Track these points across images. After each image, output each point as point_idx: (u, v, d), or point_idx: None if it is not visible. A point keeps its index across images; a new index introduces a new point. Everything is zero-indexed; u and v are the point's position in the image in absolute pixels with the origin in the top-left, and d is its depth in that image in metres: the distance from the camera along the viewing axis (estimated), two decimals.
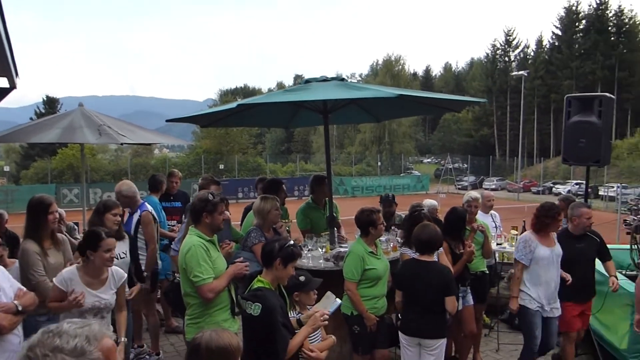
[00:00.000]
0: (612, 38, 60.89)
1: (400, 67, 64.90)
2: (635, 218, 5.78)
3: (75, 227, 6.96)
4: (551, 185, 44.18)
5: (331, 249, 5.26)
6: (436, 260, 4.31)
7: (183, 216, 6.17)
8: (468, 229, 5.52)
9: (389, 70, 62.78)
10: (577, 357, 5.85)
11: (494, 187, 45.38)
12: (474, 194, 5.88)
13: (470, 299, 5.30)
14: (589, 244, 5.21)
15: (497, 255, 6.80)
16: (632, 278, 5.97)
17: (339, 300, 3.60)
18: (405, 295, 4.30)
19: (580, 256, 5.11)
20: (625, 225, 6.02)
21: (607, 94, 5.37)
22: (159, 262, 5.66)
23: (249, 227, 4.98)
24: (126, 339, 3.98)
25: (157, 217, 5.69)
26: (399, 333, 4.35)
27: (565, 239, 5.08)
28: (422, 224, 4.42)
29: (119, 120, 7.43)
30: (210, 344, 2.23)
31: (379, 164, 51.04)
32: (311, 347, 3.50)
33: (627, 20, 61.46)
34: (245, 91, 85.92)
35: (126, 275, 3.84)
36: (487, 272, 5.83)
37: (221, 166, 40.64)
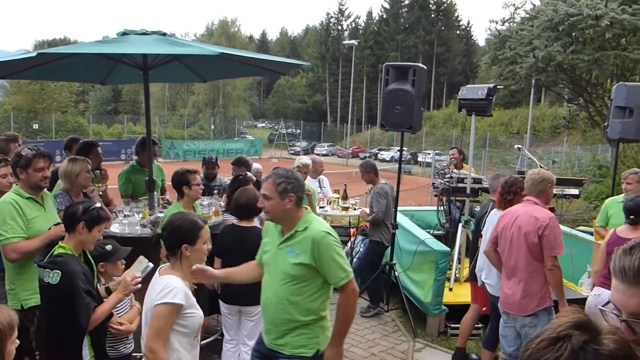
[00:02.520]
0: (433, 15, 65.99)
1: (236, 28, 63.83)
2: (442, 182, 6.31)
3: None
4: (377, 151, 47.01)
5: (150, 215, 4.97)
6: (256, 225, 4.25)
7: None
8: None
9: (224, 31, 61.37)
10: (387, 311, 6.31)
11: (325, 152, 47.09)
12: (305, 160, 5.94)
13: None
14: None
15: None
16: (439, 237, 6.55)
17: (151, 264, 3.39)
18: (224, 262, 4.20)
19: None
20: (433, 188, 6.55)
21: (419, 64, 5.70)
22: None
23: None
24: None
25: None
26: (220, 301, 4.26)
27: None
28: (241, 188, 4.32)
29: None
30: None
31: (213, 127, 50.17)
32: (120, 321, 3.28)
33: None
34: (66, 43, 78.15)
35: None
36: None
37: (35, 126, 36.79)
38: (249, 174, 5.16)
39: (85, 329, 2.91)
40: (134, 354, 3.55)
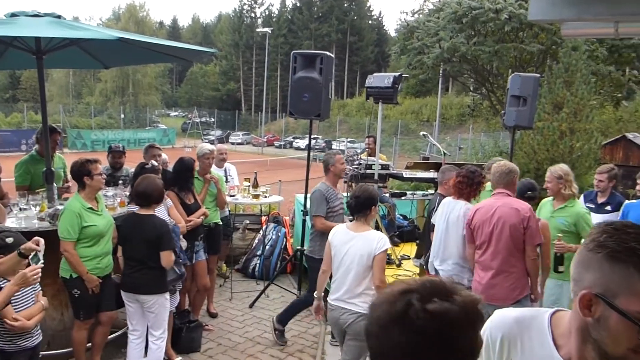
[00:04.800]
0: (345, 5, 66.92)
1: (145, 13, 61.47)
2: (351, 168, 6.43)
3: None
4: (292, 139, 47.13)
5: (49, 207, 4.73)
6: (154, 213, 4.14)
7: None
8: (201, 179, 5.52)
9: (132, 16, 58.92)
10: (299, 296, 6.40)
11: (239, 141, 46.70)
12: (208, 146, 5.84)
13: (202, 254, 5.32)
14: None
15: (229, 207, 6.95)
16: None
17: (39, 255, 3.20)
18: (124, 251, 4.14)
19: None
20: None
21: (327, 53, 5.75)
22: None
23: None
24: None
25: None
26: (121, 291, 4.17)
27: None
28: (142, 176, 4.22)
29: None
30: None
31: (122, 116, 48.30)
32: (15, 316, 3.12)
33: None
34: None
35: None
36: (221, 223, 5.93)
37: None
38: (154, 162, 5.04)
39: None
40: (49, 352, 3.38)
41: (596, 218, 5.32)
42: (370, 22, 70.09)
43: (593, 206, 5.48)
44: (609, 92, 20.23)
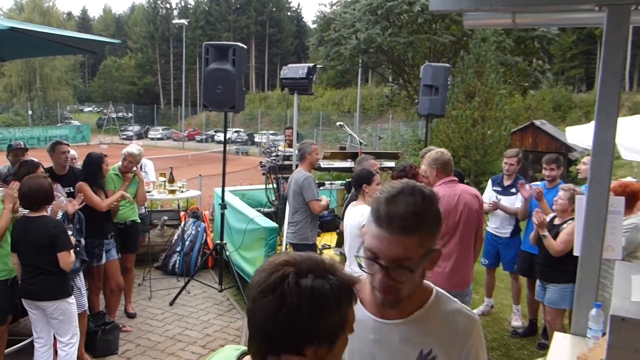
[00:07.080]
0: None
1: (51, 3, 58.21)
2: (269, 160, 6.42)
3: None
4: (213, 133, 46.37)
5: None
6: (45, 214, 3.88)
7: None
8: (121, 177, 5.34)
9: (37, 6, 55.62)
10: (221, 291, 6.34)
11: (159, 136, 45.45)
12: (130, 149, 5.58)
13: (114, 253, 5.14)
14: None
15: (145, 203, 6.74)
16: (269, 214, 6.67)
17: None
18: (18, 256, 3.89)
19: None
20: (260, 167, 6.63)
21: (239, 44, 5.69)
22: None
23: None
24: None
25: None
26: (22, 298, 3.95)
27: None
28: (29, 176, 3.96)
29: None
30: None
31: (30, 112, 45.68)
32: None
33: None
34: None
35: None
36: (139, 221, 5.74)
37: None
38: (34, 159, 4.79)
39: None
40: None
41: (503, 200, 5.62)
42: (289, 13, 70.13)
43: (500, 189, 5.75)
44: (517, 81, 21.33)
